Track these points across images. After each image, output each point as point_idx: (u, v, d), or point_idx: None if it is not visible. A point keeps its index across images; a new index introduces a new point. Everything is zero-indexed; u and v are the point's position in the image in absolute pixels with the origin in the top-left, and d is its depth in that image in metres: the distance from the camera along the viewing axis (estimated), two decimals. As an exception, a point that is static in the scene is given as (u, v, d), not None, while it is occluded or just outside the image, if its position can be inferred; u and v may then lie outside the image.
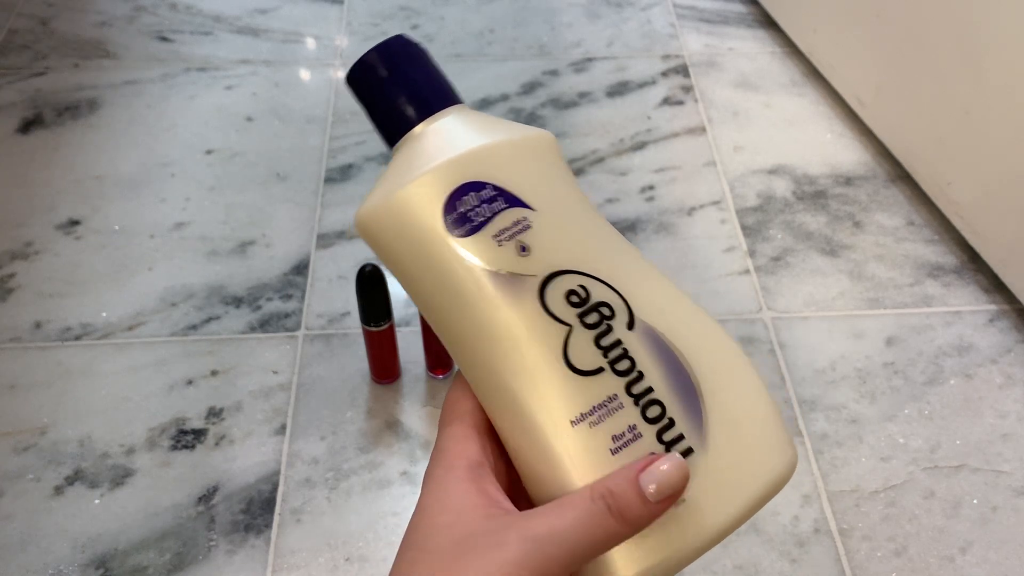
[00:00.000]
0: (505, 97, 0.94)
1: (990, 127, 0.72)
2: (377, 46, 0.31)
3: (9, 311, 0.74)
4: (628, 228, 0.81)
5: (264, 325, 0.73)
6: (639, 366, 0.29)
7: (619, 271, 0.30)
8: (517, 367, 0.29)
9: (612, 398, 0.28)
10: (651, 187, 0.85)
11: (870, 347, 0.72)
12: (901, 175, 0.86)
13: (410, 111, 0.31)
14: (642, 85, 0.96)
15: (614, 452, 0.28)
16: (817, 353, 0.72)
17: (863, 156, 0.88)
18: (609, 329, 0.29)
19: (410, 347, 0.71)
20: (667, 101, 0.94)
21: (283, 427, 0.67)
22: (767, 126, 0.91)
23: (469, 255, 0.29)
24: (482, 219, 0.29)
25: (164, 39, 1.01)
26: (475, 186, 0.29)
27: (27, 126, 0.90)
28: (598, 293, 0.29)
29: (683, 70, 0.98)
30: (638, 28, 1.03)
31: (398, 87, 0.32)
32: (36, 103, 0.93)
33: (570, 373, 0.28)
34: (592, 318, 0.29)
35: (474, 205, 0.29)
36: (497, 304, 0.29)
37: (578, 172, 0.86)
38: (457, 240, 0.29)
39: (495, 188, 0.29)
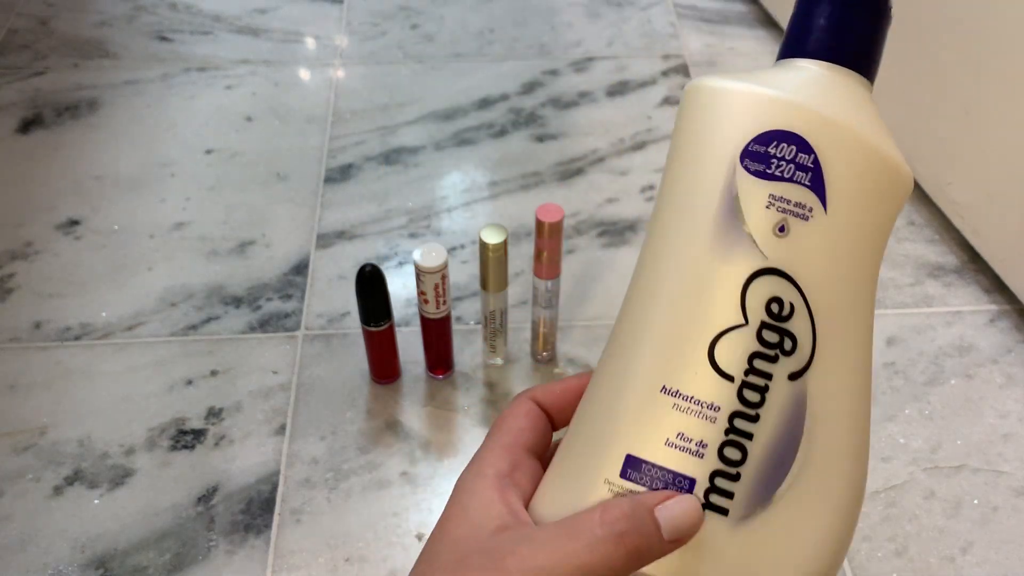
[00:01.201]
0: (505, 97, 0.94)
1: (990, 127, 0.72)
2: None
3: (9, 311, 0.74)
4: (628, 228, 0.81)
5: (264, 325, 0.73)
6: (764, 410, 0.26)
7: (836, 332, 0.27)
8: (667, 310, 0.27)
9: (713, 407, 0.26)
10: (651, 187, 0.85)
11: (870, 347, 0.72)
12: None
13: (828, 43, 0.29)
14: (642, 85, 0.96)
15: (668, 444, 0.26)
16: (817, 353, 0.72)
17: (863, 156, 0.88)
18: (774, 359, 0.26)
19: (410, 347, 0.71)
20: (667, 101, 0.94)
21: (283, 427, 0.67)
22: (767, 126, 0.91)
23: (738, 186, 0.27)
24: (778, 173, 0.27)
25: (164, 39, 1.01)
26: (802, 145, 0.27)
27: (27, 126, 0.90)
28: (799, 327, 0.27)
29: (683, 70, 0.98)
30: (638, 28, 1.03)
31: (842, 21, 0.29)
32: (36, 103, 0.93)
33: (702, 356, 0.27)
34: (771, 337, 0.26)
35: (783, 157, 0.27)
36: (708, 243, 0.27)
37: (578, 172, 0.86)
38: (740, 166, 0.27)
39: (815, 163, 0.27)
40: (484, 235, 0.60)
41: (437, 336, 0.66)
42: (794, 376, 0.27)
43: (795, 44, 0.29)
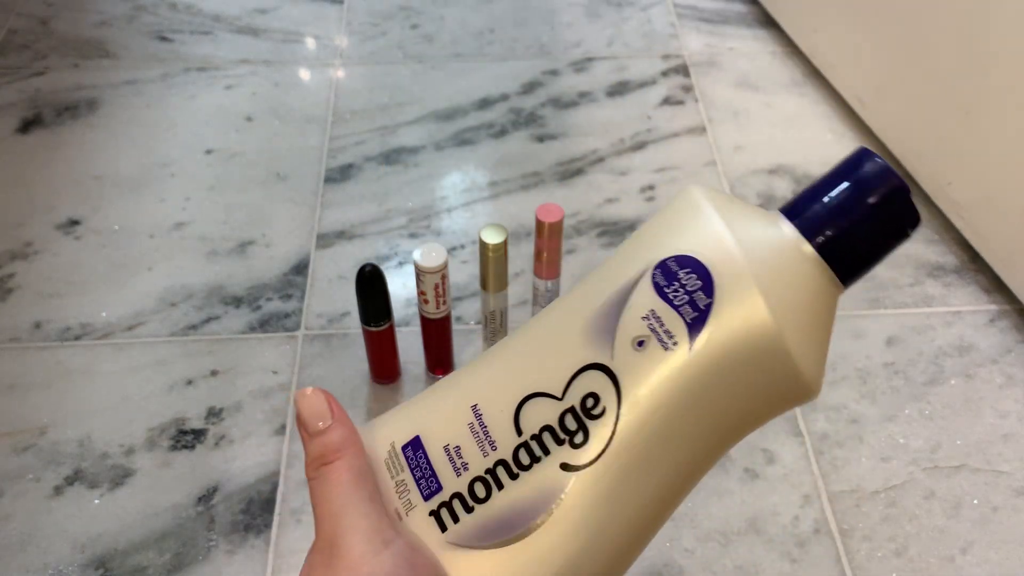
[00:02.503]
0: (505, 97, 0.94)
1: (990, 127, 0.72)
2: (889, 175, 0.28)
3: (9, 311, 0.74)
4: (628, 228, 0.81)
5: (264, 325, 0.73)
6: (525, 475, 0.28)
7: (629, 459, 0.27)
8: (519, 352, 0.30)
9: (492, 445, 0.28)
10: (651, 187, 0.85)
11: (870, 347, 0.72)
12: (901, 175, 0.86)
13: (827, 233, 0.28)
14: (642, 85, 0.96)
15: (445, 448, 0.29)
16: (817, 353, 0.72)
17: (863, 156, 0.88)
18: (560, 442, 0.27)
19: (410, 347, 0.71)
20: (667, 101, 0.94)
21: (283, 427, 0.67)
22: (767, 126, 0.91)
23: (636, 288, 0.28)
24: (671, 296, 0.27)
25: (164, 39, 1.01)
26: (707, 286, 0.27)
27: (27, 126, 0.90)
28: (598, 432, 0.27)
29: (683, 70, 0.98)
30: (638, 28, 1.03)
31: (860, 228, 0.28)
32: (36, 103, 0.93)
33: (514, 401, 0.28)
34: (571, 423, 0.27)
35: (685, 285, 0.27)
36: (585, 320, 0.28)
37: (578, 172, 0.86)
38: (651, 272, 0.28)
39: (707, 308, 0.26)
40: (484, 235, 0.60)
41: (437, 336, 0.66)
42: (566, 467, 0.27)
43: (796, 207, 0.28)
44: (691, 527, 0.62)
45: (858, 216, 0.27)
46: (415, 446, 0.30)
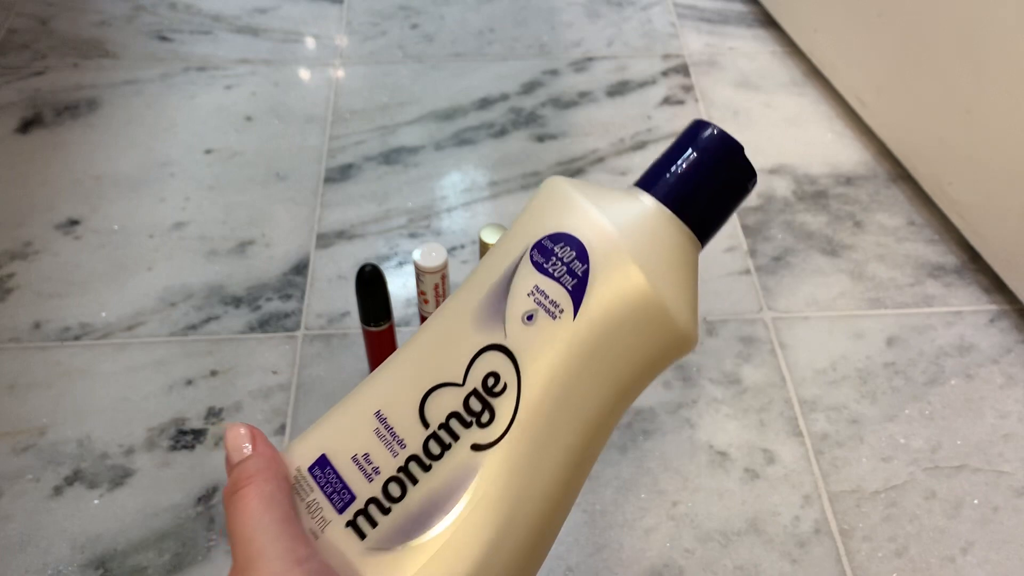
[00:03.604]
0: (505, 97, 0.94)
1: (991, 127, 0.72)
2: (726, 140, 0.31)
3: (8, 311, 0.74)
4: (628, 228, 0.81)
5: (264, 325, 0.73)
6: (438, 465, 0.28)
7: (535, 428, 0.28)
8: (416, 351, 0.30)
9: (401, 443, 0.29)
10: (651, 187, 0.85)
11: (871, 347, 0.72)
12: (902, 175, 0.86)
13: (676, 193, 0.30)
14: (642, 84, 0.96)
15: (353, 459, 0.29)
16: (818, 353, 0.72)
17: (864, 156, 0.88)
18: (468, 425, 0.28)
19: (410, 347, 0.71)
20: (668, 100, 0.94)
21: (283, 427, 0.66)
22: (768, 126, 0.91)
23: (517, 270, 0.29)
24: (550, 270, 0.29)
25: (164, 39, 1.01)
26: (581, 254, 0.29)
27: (26, 126, 0.90)
28: (502, 406, 0.28)
29: (683, 69, 0.98)
30: (638, 27, 1.03)
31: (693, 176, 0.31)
32: (35, 103, 0.92)
33: (417, 397, 0.29)
34: (475, 405, 0.28)
35: (562, 258, 0.29)
36: (474, 309, 0.29)
37: (578, 172, 0.86)
38: (529, 253, 0.29)
39: (584, 274, 0.28)
40: (484, 235, 0.60)
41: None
42: (477, 447, 0.28)
43: (648, 179, 0.31)
44: (691, 527, 0.62)
45: (704, 179, 0.30)
46: (321, 464, 0.30)
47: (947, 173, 0.78)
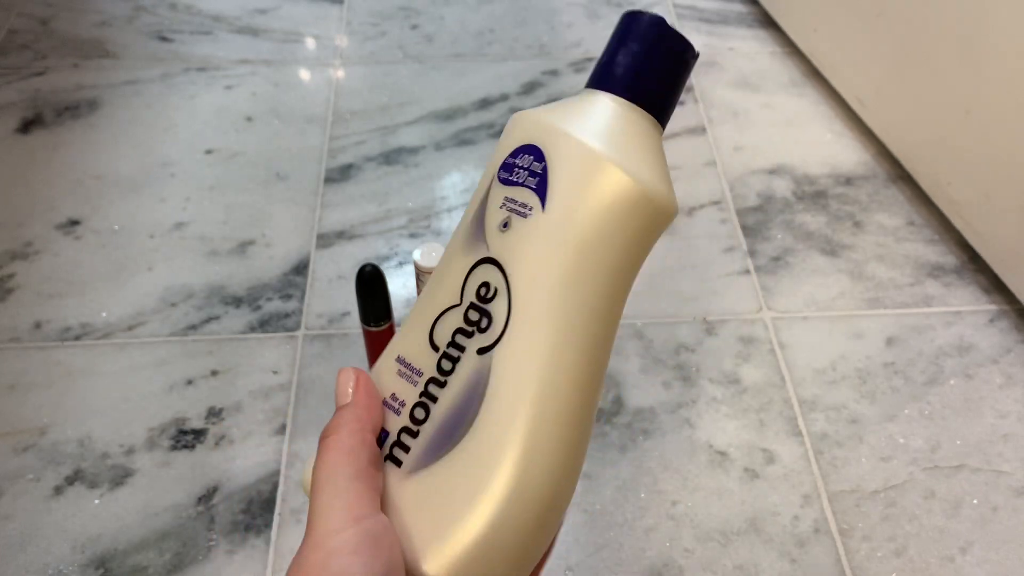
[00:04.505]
0: (505, 97, 0.94)
1: (990, 127, 0.72)
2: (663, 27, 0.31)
3: (9, 311, 0.74)
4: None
5: (264, 325, 0.73)
6: (452, 378, 0.29)
7: (531, 315, 0.29)
8: (425, 294, 0.32)
9: (418, 372, 0.30)
10: (651, 187, 0.85)
11: (870, 347, 0.72)
12: (901, 175, 0.86)
13: (624, 82, 0.31)
14: (642, 85, 0.96)
15: (384, 403, 0.31)
16: (817, 353, 0.72)
17: (863, 156, 0.88)
18: (470, 335, 0.29)
19: (410, 347, 0.71)
20: (667, 101, 0.94)
21: (283, 427, 0.67)
22: (767, 126, 0.91)
23: (489, 192, 0.31)
24: (515, 179, 0.30)
25: (164, 39, 1.01)
26: (537, 155, 0.30)
27: (27, 126, 0.90)
28: (497, 308, 0.29)
29: (683, 70, 0.98)
30: (638, 28, 1.03)
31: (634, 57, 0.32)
32: (36, 103, 0.93)
33: (426, 329, 0.30)
34: (473, 315, 0.29)
35: (523, 166, 0.30)
36: (462, 240, 0.31)
37: (578, 172, 0.86)
38: (496, 175, 0.31)
39: (544, 171, 0.30)
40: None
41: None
42: (482, 351, 0.29)
43: (597, 77, 0.32)
44: (691, 527, 0.62)
45: (643, 60, 0.31)
46: None
47: (946, 173, 0.78)
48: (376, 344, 0.66)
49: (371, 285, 0.62)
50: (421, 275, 0.61)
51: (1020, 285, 0.73)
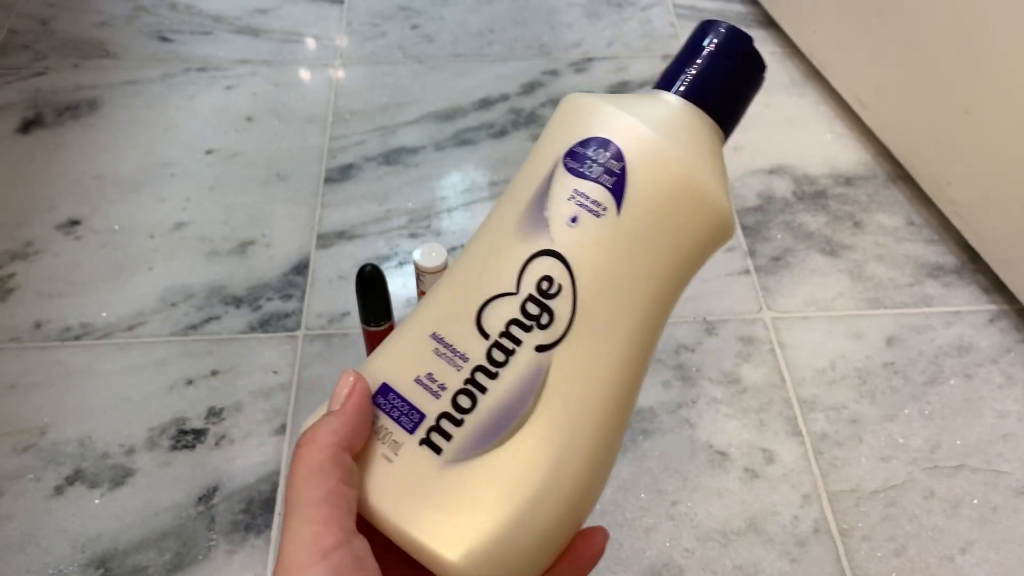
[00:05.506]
0: (505, 97, 0.94)
1: (990, 127, 0.72)
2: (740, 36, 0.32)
3: (9, 311, 0.74)
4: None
5: (264, 325, 0.73)
6: (505, 371, 0.29)
7: (595, 320, 0.29)
8: (465, 271, 0.31)
9: (463, 357, 0.29)
10: (651, 187, 0.85)
11: (870, 347, 0.72)
12: (901, 175, 0.86)
13: (695, 87, 0.31)
14: (642, 85, 0.96)
15: (416, 380, 0.29)
16: (817, 353, 0.72)
17: (863, 156, 0.88)
18: (528, 329, 0.29)
19: (410, 347, 0.71)
20: (667, 101, 0.94)
21: (283, 427, 0.67)
22: (767, 126, 0.91)
23: (553, 178, 0.30)
24: (587, 173, 0.29)
25: (164, 39, 1.01)
26: (616, 153, 0.29)
27: (27, 126, 0.90)
28: (560, 306, 0.29)
29: (683, 70, 0.98)
30: (638, 28, 1.03)
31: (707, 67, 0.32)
32: (36, 103, 0.93)
33: (473, 312, 0.29)
34: (533, 309, 0.29)
35: (597, 160, 0.29)
36: (516, 222, 0.30)
37: (578, 172, 0.86)
38: (562, 161, 0.30)
39: (622, 171, 0.29)
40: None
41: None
42: (541, 348, 0.28)
43: (667, 79, 0.32)
44: (691, 527, 0.62)
45: (720, 71, 0.31)
46: (384, 392, 0.30)
47: (946, 173, 0.78)
48: (376, 344, 0.66)
49: (371, 285, 0.62)
50: (421, 275, 0.61)
51: (1020, 285, 0.73)
